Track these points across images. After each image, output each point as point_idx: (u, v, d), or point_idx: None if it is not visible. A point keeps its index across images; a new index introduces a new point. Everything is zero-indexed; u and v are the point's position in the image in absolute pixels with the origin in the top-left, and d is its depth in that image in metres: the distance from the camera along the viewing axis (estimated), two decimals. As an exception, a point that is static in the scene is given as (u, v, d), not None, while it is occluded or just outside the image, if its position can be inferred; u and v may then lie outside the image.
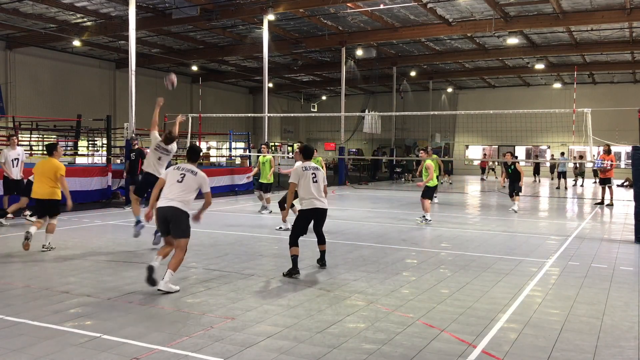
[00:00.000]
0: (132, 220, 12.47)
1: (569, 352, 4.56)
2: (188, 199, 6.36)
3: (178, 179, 6.37)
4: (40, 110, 26.07)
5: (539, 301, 6.11)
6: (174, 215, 6.23)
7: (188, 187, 6.36)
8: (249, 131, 31.50)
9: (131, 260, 7.94)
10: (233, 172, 20.17)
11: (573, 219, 14.27)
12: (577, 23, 21.44)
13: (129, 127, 15.82)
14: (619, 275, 7.45)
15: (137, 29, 17.46)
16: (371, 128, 29.76)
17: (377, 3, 19.82)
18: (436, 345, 4.68)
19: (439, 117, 36.48)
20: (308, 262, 7.95)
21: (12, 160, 11.83)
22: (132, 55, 15.54)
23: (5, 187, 11.98)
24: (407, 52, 29.49)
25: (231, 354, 4.39)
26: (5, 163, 11.77)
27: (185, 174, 6.41)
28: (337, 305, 5.82)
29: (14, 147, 12.04)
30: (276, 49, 25.95)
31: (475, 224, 12.65)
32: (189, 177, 6.40)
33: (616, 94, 34.54)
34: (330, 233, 10.90)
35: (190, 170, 6.46)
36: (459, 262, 8.17)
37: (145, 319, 5.21)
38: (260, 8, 19.89)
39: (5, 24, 22.30)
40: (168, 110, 27.55)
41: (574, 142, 30.83)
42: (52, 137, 25.68)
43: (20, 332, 4.81)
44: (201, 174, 6.50)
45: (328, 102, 43.00)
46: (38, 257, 8.09)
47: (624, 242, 10.20)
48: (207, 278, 6.91)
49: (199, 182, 6.43)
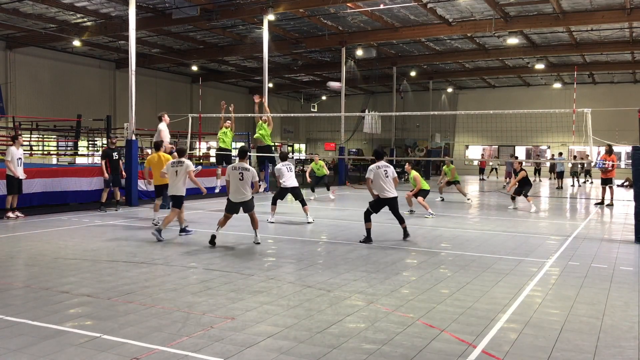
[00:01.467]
0: (128, 220, 12.50)
1: (569, 352, 4.56)
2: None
3: (239, 177, 9.12)
4: (40, 110, 26.08)
5: (539, 301, 6.11)
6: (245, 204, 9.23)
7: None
8: (249, 131, 31.49)
9: (131, 260, 7.94)
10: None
11: (573, 219, 14.27)
12: (577, 23, 21.44)
13: (129, 127, 15.81)
14: (619, 275, 7.44)
15: (137, 29, 17.46)
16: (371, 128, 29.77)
17: (377, 3, 19.82)
18: (436, 345, 4.67)
19: (439, 117, 36.48)
20: (307, 262, 7.96)
21: (17, 160, 12.11)
22: (132, 55, 15.54)
23: (10, 187, 12.07)
24: (407, 52, 29.49)
25: (231, 354, 4.38)
26: (11, 161, 11.98)
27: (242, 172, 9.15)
28: (337, 305, 5.82)
29: (18, 147, 12.29)
30: (276, 49, 25.96)
31: (475, 224, 12.65)
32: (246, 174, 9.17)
33: (616, 94, 34.55)
34: (330, 233, 10.92)
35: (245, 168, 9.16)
36: (459, 262, 8.17)
37: (145, 319, 5.21)
38: (260, 8, 19.89)
39: (5, 24, 22.30)
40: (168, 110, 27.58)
41: (574, 142, 30.87)
42: (52, 137, 25.73)
43: (20, 332, 4.81)
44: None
45: (328, 102, 43.00)
46: (38, 257, 8.10)
47: (624, 242, 10.19)
48: (207, 278, 6.91)
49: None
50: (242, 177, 9.12)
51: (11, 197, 12.09)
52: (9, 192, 12.06)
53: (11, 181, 12.04)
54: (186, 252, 8.68)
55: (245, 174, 9.13)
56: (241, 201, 9.15)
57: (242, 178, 9.11)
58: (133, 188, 15.30)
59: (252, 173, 9.16)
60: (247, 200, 9.17)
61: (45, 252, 8.40)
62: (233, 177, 9.16)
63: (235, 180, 9.15)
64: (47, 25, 22.56)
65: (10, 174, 12.01)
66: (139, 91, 16.94)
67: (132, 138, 15.55)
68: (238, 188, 9.14)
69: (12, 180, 12.05)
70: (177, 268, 7.45)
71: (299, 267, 7.53)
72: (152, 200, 15.64)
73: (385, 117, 32.22)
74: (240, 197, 9.14)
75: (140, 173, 15.71)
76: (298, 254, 8.58)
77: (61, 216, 12.65)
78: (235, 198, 9.18)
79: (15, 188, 12.09)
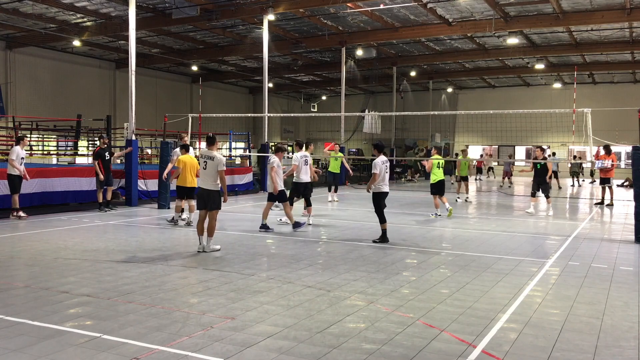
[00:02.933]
0: (128, 220, 12.51)
1: (569, 352, 4.56)
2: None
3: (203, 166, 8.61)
4: (40, 110, 26.07)
5: (539, 301, 6.11)
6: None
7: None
8: (249, 131, 31.49)
9: (131, 260, 7.94)
10: (233, 172, 20.17)
11: (573, 219, 14.27)
12: (577, 23, 21.42)
13: (129, 127, 15.81)
14: (619, 275, 7.45)
15: (137, 29, 17.45)
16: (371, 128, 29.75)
17: (377, 3, 19.81)
18: (436, 345, 4.67)
19: (438, 117, 36.47)
20: (307, 262, 7.96)
21: (20, 159, 12.30)
22: (132, 55, 15.54)
23: (12, 186, 12.12)
24: (407, 52, 29.48)
25: (231, 354, 4.39)
26: (15, 160, 12.12)
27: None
28: (337, 305, 5.82)
29: (22, 148, 12.48)
30: (276, 49, 25.94)
31: (475, 224, 12.65)
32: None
33: (616, 94, 34.52)
34: (330, 233, 10.91)
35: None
36: (459, 262, 8.17)
37: (145, 319, 5.21)
38: (260, 8, 19.88)
39: (5, 24, 22.29)
40: (168, 110, 27.62)
41: (574, 142, 30.86)
42: (52, 137, 25.72)
43: (20, 332, 4.81)
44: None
45: (328, 102, 42.98)
46: (38, 257, 8.10)
47: (624, 242, 10.20)
48: (207, 278, 6.91)
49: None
50: (205, 166, 8.61)
51: (17, 196, 12.18)
52: (13, 191, 12.14)
53: (12, 179, 12.11)
54: (186, 252, 8.68)
55: (209, 163, 8.59)
56: (205, 189, 8.59)
57: (205, 167, 8.61)
58: (133, 188, 15.29)
59: (218, 161, 8.49)
60: (210, 190, 8.58)
61: (45, 252, 8.40)
62: (201, 165, 8.77)
63: (201, 169, 8.79)
64: (47, 25, 22.55)
65: (12, 172, 12.07)
66: (139, 91, 16.93)
67: (132, 138, 15.55)
68: (203, 177, 8.71)
69: (13, 178, 12.11)
70: (177, 268, 7.45)
71: (299, 267, 7.53)
72: (153, 200, 15.72)
73: (385, 117, 32.19)
74: (204, 185, 8.64)
75: (140, 172, 15.72)
76: (298, 254, 8.58)
77: (61, 216, 12.65)
78: (202, 184, 8.73)
79: (17, 186, 12.18)
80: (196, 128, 21.44)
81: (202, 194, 8.65)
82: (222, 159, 8.53)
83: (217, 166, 8.47)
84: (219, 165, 8.48)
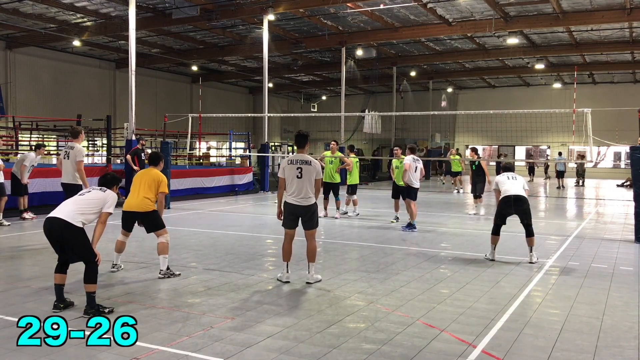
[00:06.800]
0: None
1: (569, 352, 4.56)
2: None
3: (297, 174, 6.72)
4: (40, 110, 26.06)
5: (539, 301, 6.11)
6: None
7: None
8: (249, 131, 31.49)
9: (131, 260, 7.94)
10: (233, 172, 20.18)
11: (573, 219, 14.26)
12: (577, 23, 21.42)
13: (129, 127, 15.81)
14: (619, 275, 7.44)
15: (137, 29, 17.45)
16: (371, 128, 29.72)
17: (377, 3, 19.80)
18: (436, 345, 4.67)
19: (438, 117, 36.45)
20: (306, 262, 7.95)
21: (31, 166, 12.30)
22: (132, 55, 15.54)
23: (16, 189, 12.16)
24: (407, 52, 29.47)
25: (231, 354, 4.38)
26: (27, 166, 12.13)
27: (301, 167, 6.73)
28: (337, 305, 5.82)
29: (37, 156, 12.47)
30: (276, 49, 25.93)
31: (475, 224, 12.64)
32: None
33: (616, 94, 34.50)
34: (330, 233, 10.91)
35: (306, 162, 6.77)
36: (459, 262, 8.17)
37: (145, 319, 5.21)
38: (260, 8, 19.88)
39: (5, 24, 22.28)
40: (168, 110, 27.61)
41: (574, 142, 30.85)
42: (52, 137, 25.72)
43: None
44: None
45: (328, 102, 42.97)
46: (38, 257, 8.10)
47: (624, 242, 10.19)
48: (207, 278, 6.91)
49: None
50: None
51: (22, 198, 12.20)
52: (17, 193, 12.14)
53: (17, 185, 12.15)
54: (186, 252, 8.68)
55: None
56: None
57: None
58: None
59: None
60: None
61: (46, 252, 8.39)
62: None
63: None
64: (47, 25, 22.54)
65: (17, 175, 12.08)
66: (139, 91, 16.92)
67: (132, 138, 15.54)
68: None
69: (17, 181, 12.14)
70: (177, 268, 7.44)
71: (299, 267, 7.52)
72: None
73: (385, 117, 32.17)
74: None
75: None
76: (298, 254, 8.57)
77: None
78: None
79: (21, 189, 12.18)
80: (196, 128, 21.46)
81: None
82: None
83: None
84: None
